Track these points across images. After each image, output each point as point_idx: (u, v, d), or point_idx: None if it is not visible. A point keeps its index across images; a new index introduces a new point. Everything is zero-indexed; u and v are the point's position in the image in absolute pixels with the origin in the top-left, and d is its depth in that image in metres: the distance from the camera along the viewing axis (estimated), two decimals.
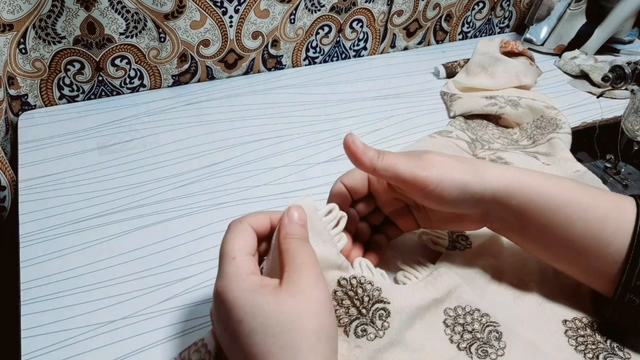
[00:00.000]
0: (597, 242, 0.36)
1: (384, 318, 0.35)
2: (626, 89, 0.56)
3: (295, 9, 0.70)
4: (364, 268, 0.38)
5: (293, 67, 0.77)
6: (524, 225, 0.38)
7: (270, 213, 0.34)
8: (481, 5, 0.86)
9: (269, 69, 0.75)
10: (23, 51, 0.59)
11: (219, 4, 0.64)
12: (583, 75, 0.78)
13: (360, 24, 0.77)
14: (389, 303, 0.35)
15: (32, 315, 0.41)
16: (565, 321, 0.40)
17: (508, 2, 0.88)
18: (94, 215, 0.50)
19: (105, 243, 0.47)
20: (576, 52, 0.82)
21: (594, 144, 0.64)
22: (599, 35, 0.82)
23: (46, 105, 0.64)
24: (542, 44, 0.85)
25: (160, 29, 0.63)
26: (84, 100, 0.66)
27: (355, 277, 0.35)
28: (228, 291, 0.29)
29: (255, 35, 0.69)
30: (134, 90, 0.68)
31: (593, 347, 0.38)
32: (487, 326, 0.38)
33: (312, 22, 0.73)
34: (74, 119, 0.62)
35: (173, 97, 0.68)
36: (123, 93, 0.68)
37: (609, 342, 0.39)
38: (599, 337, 0.39)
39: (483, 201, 0.37)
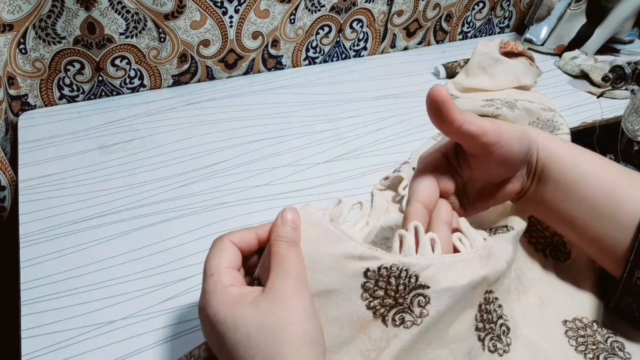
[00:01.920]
0: (610, 204, 0.37)
1: (422, 305, 0.32)
2: (626, 89, 0.56)
3: (295, 9, 0.70)
4: (406, 246, 0.33)
5: (293, 67, 0.77)
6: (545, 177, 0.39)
7: (257, 227, 0.34)
8: (481, 5, 0.86)
9: (269, 69, 0.75)
10: (23, 51, 0.59)
11: (219, 4, 0.64)
12: (583, 75, 0.78)
13: (360, 24, 0.77)
14: (428, 287, 0.32)
15: (32, 315, 0.41)
16: (565, 321, 0.40)
17: (508, 2, 0.88)
18: (94, 215, 0.50)
19: (105, 243, 0.47)
20: (576, 52, 0.82)
21: (594, 144, 0.64)
22: (599, 35, 0.82)
23: (46, 105, 0.64)
24: (542, 44, 0.85)
25: (160, 29, 0.63)
26: (84, 100, 0.66)
27: (385, 267, 0.32)
28: (208, 308, 0.29)
29: (255, 35, 0.69)
30: (134, 90, 0.68)
31: (593, 347, 0.38)
32: (500, 318, 0.38)
33: (312, 22, 0.73)
34: (74, 119, 0.62)
35: (173, 97, 0.68)
36: (123, 93, 0.68)
37: (609, 342, 0.39)
38: (599, 338, 0.39)
39: (530, 147, 0.39)
